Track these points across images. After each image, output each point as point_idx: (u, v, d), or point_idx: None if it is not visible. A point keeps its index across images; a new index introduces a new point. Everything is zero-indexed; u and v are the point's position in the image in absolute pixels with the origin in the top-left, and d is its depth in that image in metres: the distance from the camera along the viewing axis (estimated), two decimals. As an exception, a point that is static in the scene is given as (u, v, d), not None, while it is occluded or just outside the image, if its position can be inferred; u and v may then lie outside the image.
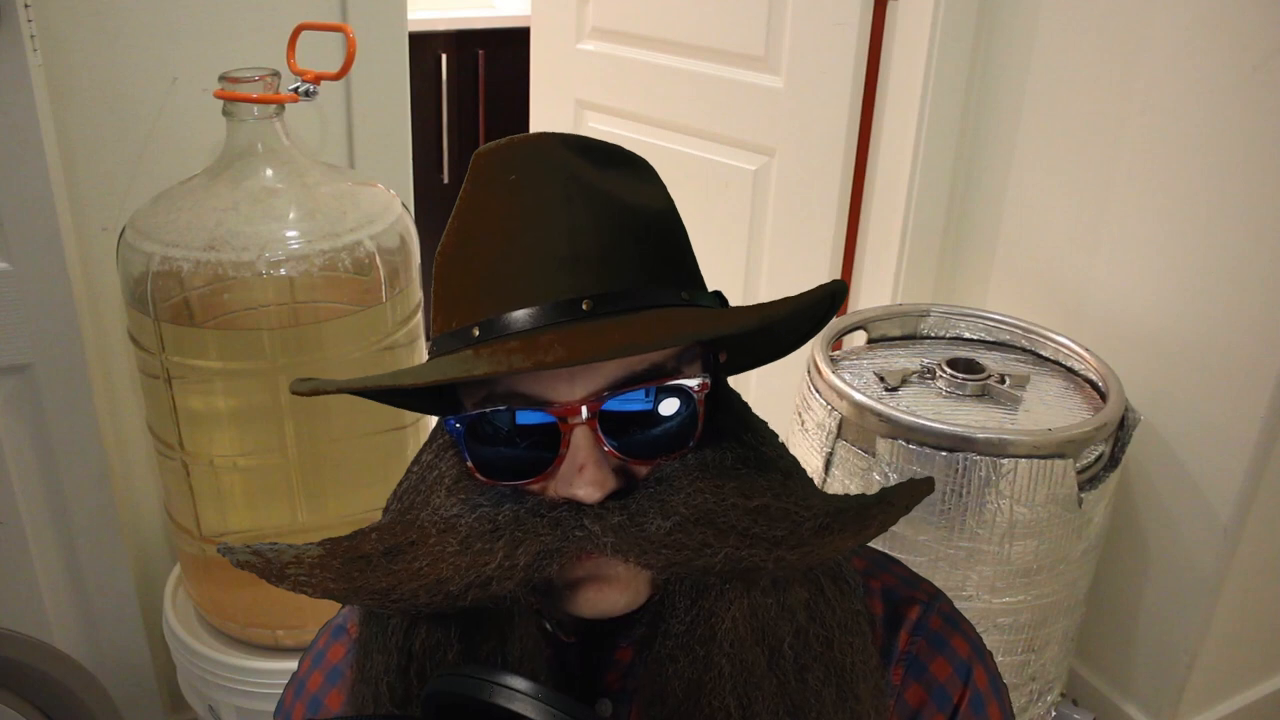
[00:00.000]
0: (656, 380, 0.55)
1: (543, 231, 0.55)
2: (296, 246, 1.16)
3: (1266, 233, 1.35)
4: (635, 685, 0.60)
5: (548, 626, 0.62)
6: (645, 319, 0.55)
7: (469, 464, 0.57)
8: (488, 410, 0.56)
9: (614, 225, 0.56)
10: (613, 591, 0.56)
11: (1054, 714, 1.54)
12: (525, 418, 0.55)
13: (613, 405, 0.54)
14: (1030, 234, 1.68)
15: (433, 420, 0.66)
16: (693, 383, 0.56)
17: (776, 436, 0.61)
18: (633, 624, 0.60)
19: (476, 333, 0.55)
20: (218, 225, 1.15)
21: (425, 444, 0.61)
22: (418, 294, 1.34)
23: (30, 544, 1.36)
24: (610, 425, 0.55)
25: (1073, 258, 1.62)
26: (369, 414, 1.30)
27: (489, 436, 0.56)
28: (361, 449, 1.30)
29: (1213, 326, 1.44)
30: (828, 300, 0.60)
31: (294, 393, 0.59)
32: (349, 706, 0.61)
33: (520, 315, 0.54)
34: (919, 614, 0.65)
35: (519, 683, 0.44)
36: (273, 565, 0.56)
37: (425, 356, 1.39)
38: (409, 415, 1.34)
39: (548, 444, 0.55)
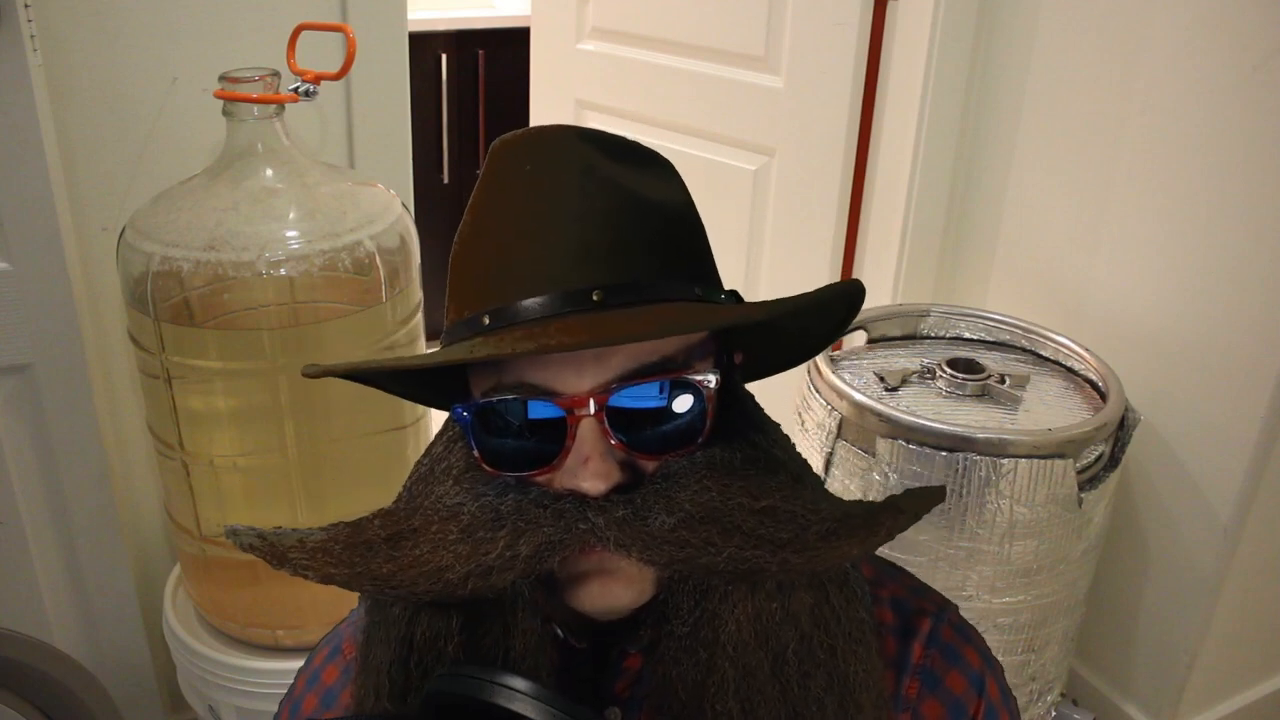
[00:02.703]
0: (666, 374, 0.55)
1: (555, 221, 0.55)
2: (296, 246, 1.16)
3: (1266, 233, 1.35)
4: (644, 693, 0.59)
5: (559, 632, 0.61)
6: (655, 311, 0.54)
7: (475, 453, 0.56)
8: (495, 399, 0.55)
9: (627, 217, 0.56)
10: (617, 586, 0.55)
11: (1054, 714, 1.54)
12: (532, 408, 0.55)
13: (621, 398, 0.54)
14: (1030, 234, 1.68)
15: (435, 421, 0.65)
16: (702, 378, 0.55)
17: (788, 439, 0.61)
18: (638, 626, 0.59)
19: (487, 320, 0.55)
20: (218, 225, 1.15)
21: (436, 436, 0.61)
22: (418, 294, 1.34)
23: (30, 544, 1.36)
24: (618, 418, 0.54)
25: (1073, 258, 1.62)
26: (369, 414, 1.30)
27: (496, 426, 0.56)
28: (361, 449, 1.30)
29: (1213, 326, 1.44)
30: (842, 300, 0.60)
31: (305, 375, 0.59)
32: (352, 701, 0.60)
33: (530, 304, 0.54)
34: (930, 625, 0.65)
35: (519, 682, 0.44)
36: (275, 549, 0.56)
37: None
38: (409, 415, 1.34)
39: (554, 436, 0.54)
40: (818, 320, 0.64)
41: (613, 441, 0.54)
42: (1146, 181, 1.48)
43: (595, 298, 0.54)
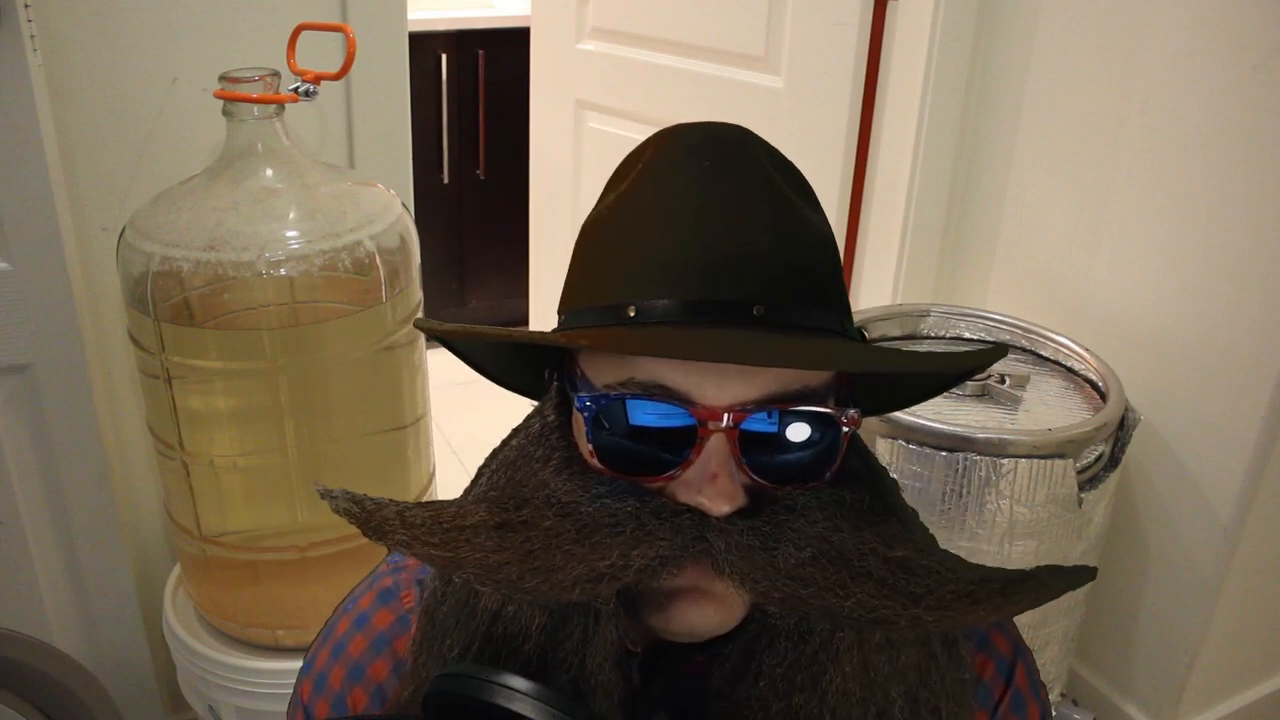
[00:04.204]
0: (807, 403, 0.52)
1: (727, 225, 0.53)
2: (296, 246, 1.16)
3: (1266, 233, 1.35)
4: (700, 707, 0.56)
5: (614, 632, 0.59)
6: (821, 342, 0.52)
7: (590, 448, 0.53)
8: (626, 395, 0.52)
9: (795, 239, 0.54)
10: (709, 608, 0.53)
11: (1054, 714, 1.54)
12: (663, 412, 0.51)
13: (758, 420, 0.51)
14: (1030, 234, 1.68)
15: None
16: (843, 414, 0.53)
17: (896, 484, 0.59)
18: (712, 645, 0.56)
19: (632, 312, 0.52)
20: (218, 225, 1.15)
21: (528, 418, 0.58)
22: (418, 294, 1.34)
23: (30, 544, 1.36)
24: (749, 440, 0.51)
25: (1073, 258, 1.62)
26: (369, 414, 1.30)
27: (617, 424, 0.52)
28: (361, 449, 1.30)
29: (1213, 326, 1.44)
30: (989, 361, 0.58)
31: (417, 327, 0.56)
32: (410, 680, 0.57)
33: (684, 304, 0.51)
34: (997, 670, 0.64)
35: (518, 682, 0.44)
36: (372, 519, 0.53)
37: (425, 355, 1.39)
38: (409, 415, 1.34)
39: (680, 444, 0.51)
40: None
41: (740, 462, 0.51)
42: (1146, 181, 1.48)
43: (756, 311, 0.51)
